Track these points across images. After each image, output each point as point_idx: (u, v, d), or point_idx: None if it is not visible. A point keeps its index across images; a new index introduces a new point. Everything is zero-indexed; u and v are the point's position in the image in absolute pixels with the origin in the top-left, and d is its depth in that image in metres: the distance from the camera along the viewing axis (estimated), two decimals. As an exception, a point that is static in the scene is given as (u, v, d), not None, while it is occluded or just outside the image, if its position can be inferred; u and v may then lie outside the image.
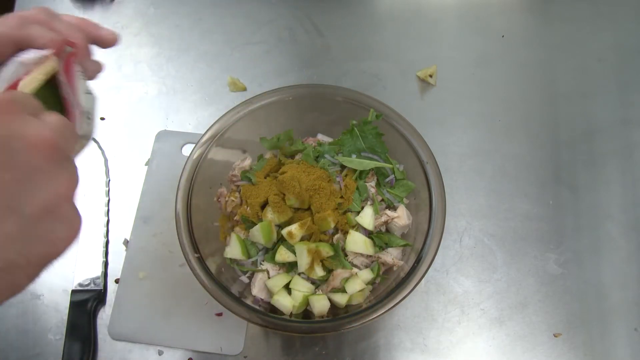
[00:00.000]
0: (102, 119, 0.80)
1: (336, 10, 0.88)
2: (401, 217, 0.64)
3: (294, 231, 0.60)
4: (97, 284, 0.70)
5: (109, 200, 0.75)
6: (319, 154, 0.66)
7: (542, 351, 0.68)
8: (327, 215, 0.61)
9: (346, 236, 0.62)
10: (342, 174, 0.65)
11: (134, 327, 0.68)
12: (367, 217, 0.63)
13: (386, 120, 0.65)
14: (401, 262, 0.63)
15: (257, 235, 0.62)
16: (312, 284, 0.63)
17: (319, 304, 0.61)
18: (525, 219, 0.75)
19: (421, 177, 0.63)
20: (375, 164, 0.65)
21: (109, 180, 0.76)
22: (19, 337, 0.69)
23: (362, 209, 0.64)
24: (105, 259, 0.72)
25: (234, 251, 0.63)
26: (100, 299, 0.70)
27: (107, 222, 0.74)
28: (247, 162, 0.68)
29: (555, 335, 0.69)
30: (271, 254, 0.63)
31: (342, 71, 0.84)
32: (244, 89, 0.83)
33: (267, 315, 0.57)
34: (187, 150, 0.77)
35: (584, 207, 0.75)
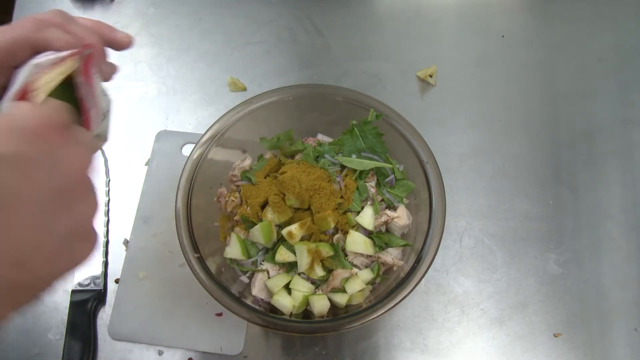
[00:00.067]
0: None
1: (336, 10, 0.88)
2: (401, 217, 0.64)
3: (294, 231, 0.60)
4: (97, 284, 0.70)
5: (109, 200, 0.75)
6: (319, 154, 0.66)
7: (542, 351, 0.68)
8: (327, 215, 0.61)
9: (346, 236, 0.62)
10: (342, 174, 0.65)
11: (134, 327, 0.68)
12: (367, 217, 0.63)
13: (386, 120, 0.65)
14: (401, 262, 0.63)
15: (257, 235, 0.61)
16: (312, 284, 0.63)
17: (319, 304, 0.61)
18: (525, 219, 0.75)
19: (421, 177, 0.63)
20: (375, 164, 0.65)
21: (109, 180, 0.76)
22: (18, 337, 0.69)
23: (362, 209, 0.64)
24: (105, 259, 0.72)
25: (234, 251, 0.63)
26: (100, 299, 0.70)
27: (107, 222, 0.74)
28: (247, 162, 0.68)
29: (555, 335, 0.69)
30: (271, 254, 0.63)
31: (342, 71, 0.84)
32: (244, 89, 0.83)
33: (267, 315, 0.57)
34: (187, 150, 0.77)
35: (584, 207, 0.75)
